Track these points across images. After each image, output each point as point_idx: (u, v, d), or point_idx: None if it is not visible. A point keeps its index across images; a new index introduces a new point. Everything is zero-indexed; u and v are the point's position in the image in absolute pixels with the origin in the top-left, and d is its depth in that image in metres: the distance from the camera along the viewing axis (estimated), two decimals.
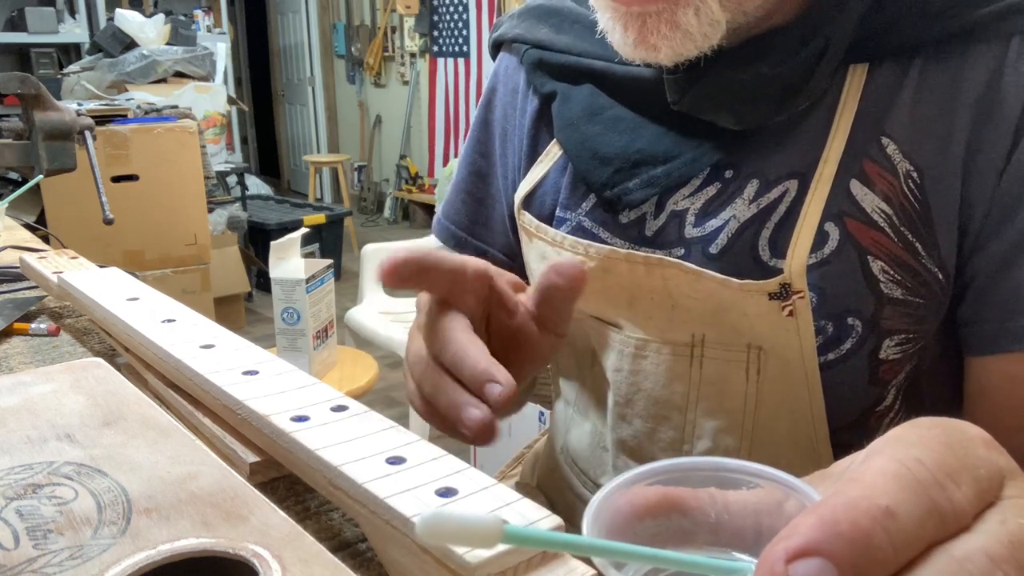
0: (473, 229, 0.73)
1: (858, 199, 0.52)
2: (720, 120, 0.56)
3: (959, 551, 0.21)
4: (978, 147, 0.51)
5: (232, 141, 4.55)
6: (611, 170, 0.59)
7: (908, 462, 0.22)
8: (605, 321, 0.61)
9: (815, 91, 0.53)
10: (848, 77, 0.53)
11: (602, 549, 0.23)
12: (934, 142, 0.51)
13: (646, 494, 0.27)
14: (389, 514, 0.33)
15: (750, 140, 0.56)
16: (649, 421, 0.60)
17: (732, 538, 0.27)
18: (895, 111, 0.52)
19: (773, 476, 0.27)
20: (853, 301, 0.52)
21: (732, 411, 0.57)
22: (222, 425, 0.46)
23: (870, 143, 0.52)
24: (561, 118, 0.63)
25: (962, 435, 0.24)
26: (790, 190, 0.54)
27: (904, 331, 0.53)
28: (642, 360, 0.59)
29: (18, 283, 0.84)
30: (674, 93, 0.57)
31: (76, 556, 0.30)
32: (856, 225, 0.52)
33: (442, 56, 5.47)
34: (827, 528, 0.20)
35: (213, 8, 5.41)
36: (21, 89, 1.13)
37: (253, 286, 3.92)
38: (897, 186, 0.52)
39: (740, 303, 0.54)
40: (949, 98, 0.51)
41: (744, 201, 0.55)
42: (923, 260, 0.52)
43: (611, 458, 0.64)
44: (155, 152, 2.79)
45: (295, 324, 1.62)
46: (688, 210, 0.57)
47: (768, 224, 0.54)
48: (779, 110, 0.54)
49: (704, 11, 0.50)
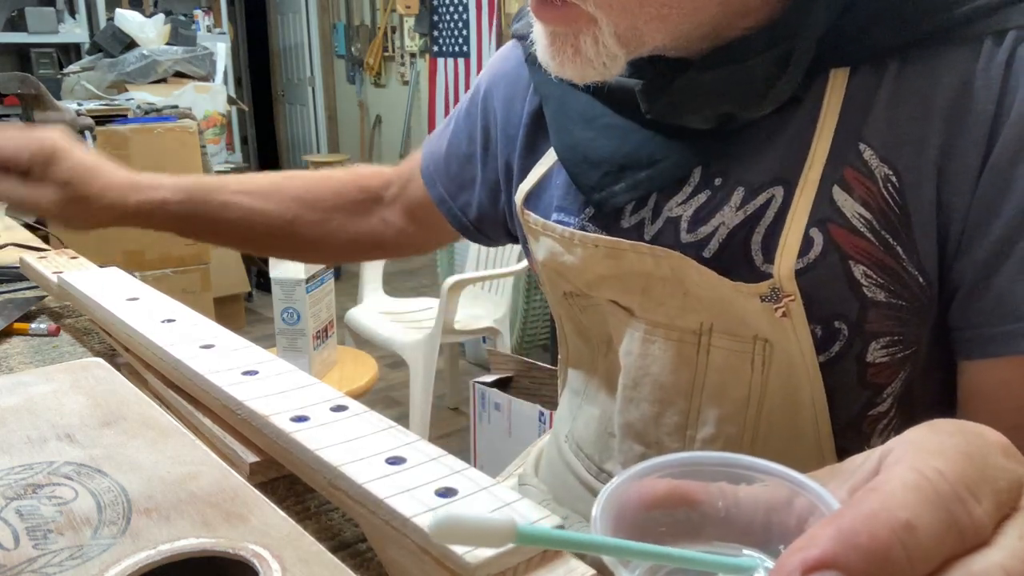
0: (458, 196, 0.79)
1: (840, 205, 0.53)
2: (690, 123, 0.57)
3: (978, 567, 0.21)
4: (952, 152, 0.51)
5: (232, 141, 4.55)
6: (599, 173, 0.61)
7: (929, 473, 0.22)
8: (621, 305, 0.63)
9: (781, 94, 0.54)
10: (829, 82, 0.54)
11: (613, 548, 0.23)
12: (910, 146, 0.52)
13: (656, 486, 0.27)
14: (389, 514, 0.33)
15: (734, 147, 0.57)
16: (655, 405, 0.61)
17: (741, 533, 0.27)
18: (872, 116, 0.53)
19: (783, 473, 0.27)
20: (838, 305, 0.53)
21: (736, 400, 0.58)
22: (222, 425, 0.46)
23: (849, 149, 0.53)
24: (557, 123, 0.65)
25: (982, 443, 0.24)
26: (776, 196, 0.55)
27: (889, 333, 0.54)
28: (651, 344, 0.61)
29: (18, 283, 0.84)
30: (644, 102, 0.58)
31: (76, 556, 0.30)
32: (839, 231, 0.52)
33: (442, 56, 5.47)
34: (845, 540, 0.20)
35: (213, 8, 5.40)
36: (21, 89, 1.13)
37: (253, 286, 3.92)
38: (876, 191, 0.52)
39: (740, 300, 0.55)
40: (923, 102, 0.52)
41: (732, 208, 0.56)
42: (904, 263, 0.52)
43: (617, 442, 0.65)
44: (155, 152, 2.79)
45: (295, 324, 1.62)
46: (681, 217, 0.58)
47: (758, 229, 0.55)
48: (747, 111, 0.55)
49: (602, 42, 0.52)
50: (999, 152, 0.50)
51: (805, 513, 0.25)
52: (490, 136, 0.74)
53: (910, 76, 0.52)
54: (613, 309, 0.63)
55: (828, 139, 0.53)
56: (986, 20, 0.50)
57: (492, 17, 5.02)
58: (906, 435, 0.24)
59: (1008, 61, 0.50)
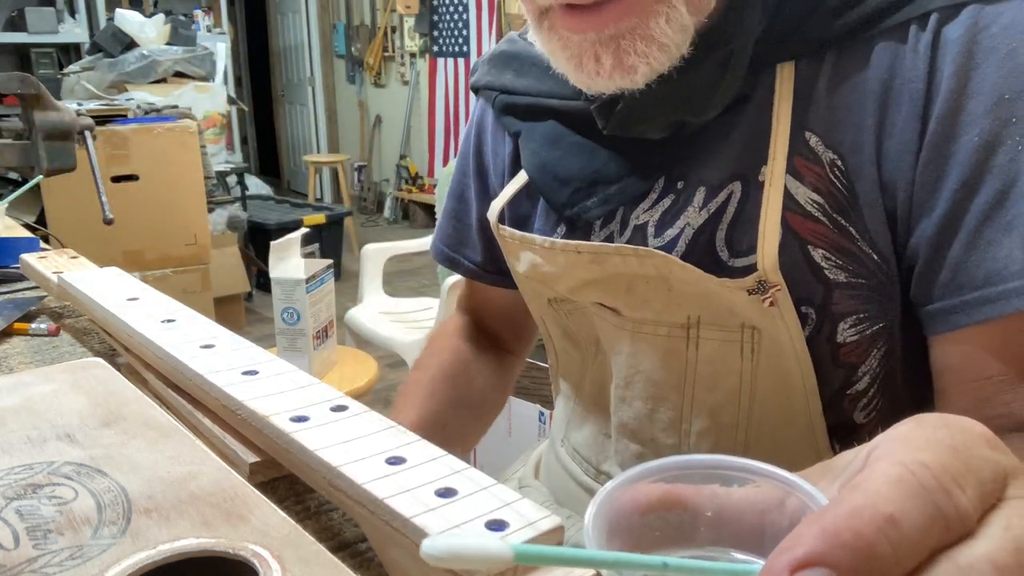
0: (463, 250, 0.80)
1: (793, 193, 0.54)
2: (645, 134, 0.58)
3: (964, 559, 0.21)
4: (888, 133, 0.52)
5: (232, 141, 4.55)
6: (570, 190, 0.62)
7: (913, 466, 0.22)
8: (606, 307, 0.63)
9: (726, 95, 0.55)
10: (777, 76, 0.55)
11: (611, 562, 0.23)
12: (849, 130, 0.53)
13: (649, 491, 0.27)
14: (389, 514, 0.33)
15: (692, 150, 0.58)
16: (648, 402, 0.62)
17: (734, 536, 0.27)
18: (814, 105, 0.54)
19: (775, 474, 0.27)
20: (803, 290, 0.55)
21: (729, 390, 0.59)
22: (222, 425, 0.46)
23: (798, 138, 0.54)
24: (526, 148, 0.67)
25: (967, 435, 0.24)
26: (735, 192, 0.56)
27: (854, 312, 0.55)
28: (640, 343, 0.61)
29: (18, 283, 0.84)
30: (600, 118, 0.59)
31: (76, 556, 0.30)
32: (794, 218, 0.54)
33: (442, 56, 5.47)
34: (830, 538, 0.20)
35: (213, 8, 5.40)
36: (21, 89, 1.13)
37: (253, 286, 3.92)
38: (824, 175, 0.54)
39: (726, 294, 0.56)
40: (858, 88, 0.53)
41: (695, 208, 0.57)
42: (858, 243, 0.54)
43: (612, 443, 0.66)
44: (155, 152, 2.79)
45: (295, 324, 1.62)
46: (648, 223, 0.60)
47: (721, 226, 0.57)
48: (696, 116, 0.56)
49: (674, 16, 0.51)
50: (933, 129, 0.51)
51: (798, 513, 0.25)
52: (486, 177, 0.76)
53: (845, 64, 0.54)
54: (599, 311, 0.64)
55: (787, 130, 0.54)
56: (910, 5, 0.52)
57: (492, 17, 5.02)
58: (891, 431, 0.24)
59: (933, 42, 0.51)
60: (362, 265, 2.71)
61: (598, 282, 0.62)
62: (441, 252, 0.82)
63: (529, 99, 0.67)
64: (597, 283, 0.62)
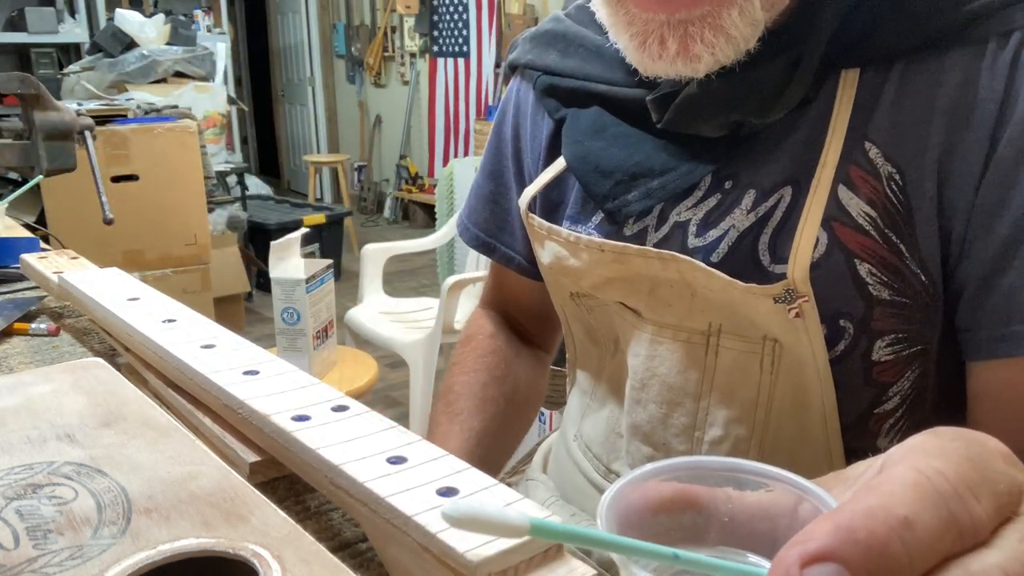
0: (500, 236, 0.78)
1: (845, 204, 0.53)
2: (702, 131, 0.57)
3: (976, 566, 0.21)
4: (953, 152, 0.51)
5: (232, 141, 4.55)
6: (611, 183, 0.60)
7: (929, 472, 0.22)
8: (628, 307, 0.63)
9: (792, 98, 0.53)
10: (840, 83, 0.54)
11: (624, 546, 0.23)
12: (912, 144, 0.52)
13: (661, 489, 0.27)
14: (390, 512, 0.33)
15: (745, 150, 0.57)
16: (663, 407, 0.61)
17: (745, 539, 0.27)
18: (877, 115, 0.53)
19: (788, 479, 0.26)
20: (844, 304, 0.53)
21: (745, 401, 0.57)
22: (222, 425, 0.46)
23: (856, 148, 0.53)
24: (568, 135, 0.65)
25: (983, 449, 0.24)
26: (785, 197, 0.55)
27: (894, 331, 0.54)
28: (659, 346, 0.60)
29: (18, 283, 0.84)
30: (656, 111, 0.58)
31: (76, 556, 0.30)
32: (843, 230, 0.52)
33: (442, 56, 5.47)
34: (843, 535, 0.20)
35: (213, 8, 5.40)
36: (21, 89, 1.13)
37: (253, 286, 3.92)
38: (880, 189, 0.52)
39: (751, 302, 0.54)
40: (926, 102, 0.52)
41: (743, 211, 0.56)
42: (907, 261, 0.52)
43: (624, 443, 0.65)
44: (155, 152, 2.79)
45: (295, 324, 1.62)
46: (691, 221, 0.58)
47: (766, 231, 0.55)
48: (758, 117, 0.55)
49: (747, 9, 0.49)
50: (1003, 152, 0.49)
51: (810, 518, 0.25)
52: (522, 161, 0.74)
53: (914, 76, 0.52)
54: (620, 310, 0.63)
55: (840, 139, 0.53)
56: (991, 21, 0.50)
57: (492, 17, 5.02)
58: (908, 441, 0.24)
59: (1013, 61, 0.50)
60: (362, 265, 2.71)
61: (621, 281, 0.61)
62: (474, 236, 0.79)
63: (574, 82, 0.65)
64: (620, 282, 0.61)
